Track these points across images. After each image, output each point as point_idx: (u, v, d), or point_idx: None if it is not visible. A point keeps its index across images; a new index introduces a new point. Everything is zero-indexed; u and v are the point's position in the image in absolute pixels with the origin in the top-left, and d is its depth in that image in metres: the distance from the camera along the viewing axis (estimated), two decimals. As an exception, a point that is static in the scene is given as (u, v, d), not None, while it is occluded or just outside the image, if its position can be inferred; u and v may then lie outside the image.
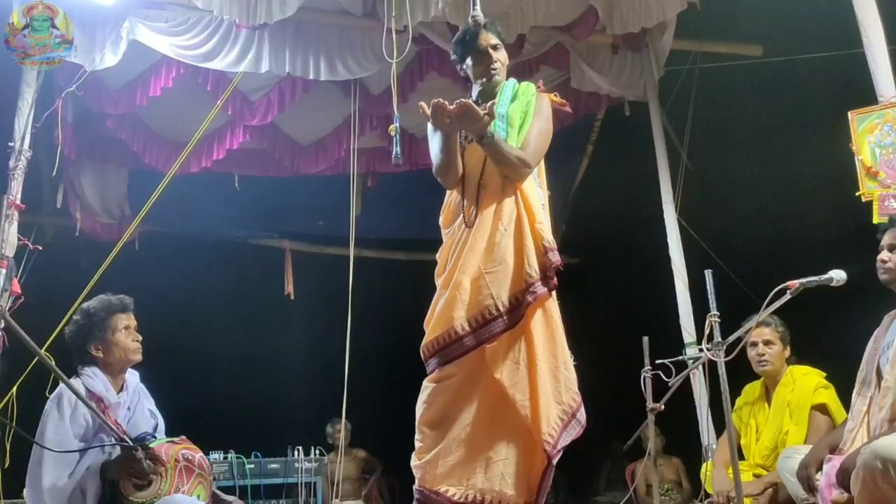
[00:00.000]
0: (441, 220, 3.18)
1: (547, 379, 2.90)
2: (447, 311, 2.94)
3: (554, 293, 3.00)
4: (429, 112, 2.88)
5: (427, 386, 2.99)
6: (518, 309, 2.90)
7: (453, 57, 3.23)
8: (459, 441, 2.90)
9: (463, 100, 2.85)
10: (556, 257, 2.95)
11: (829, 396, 3.71)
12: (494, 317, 2.89)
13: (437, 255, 3.15)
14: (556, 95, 3.25)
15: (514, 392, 2.87)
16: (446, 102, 2.85)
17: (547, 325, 2.96)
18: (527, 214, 3.01)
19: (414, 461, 2.99)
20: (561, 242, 3.03)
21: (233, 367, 7.30)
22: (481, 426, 2.91)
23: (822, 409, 3.69)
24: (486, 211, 2.99)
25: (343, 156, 6.22)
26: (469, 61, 3.14)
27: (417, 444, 2.99)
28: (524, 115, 3.07)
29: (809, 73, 5.69)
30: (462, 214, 3.04)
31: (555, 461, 2.86)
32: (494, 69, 3.10)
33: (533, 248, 2.96)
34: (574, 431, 2.92)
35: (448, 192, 3.16)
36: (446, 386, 2.94)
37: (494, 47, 3.11)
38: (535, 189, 3.10)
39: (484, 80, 3.12)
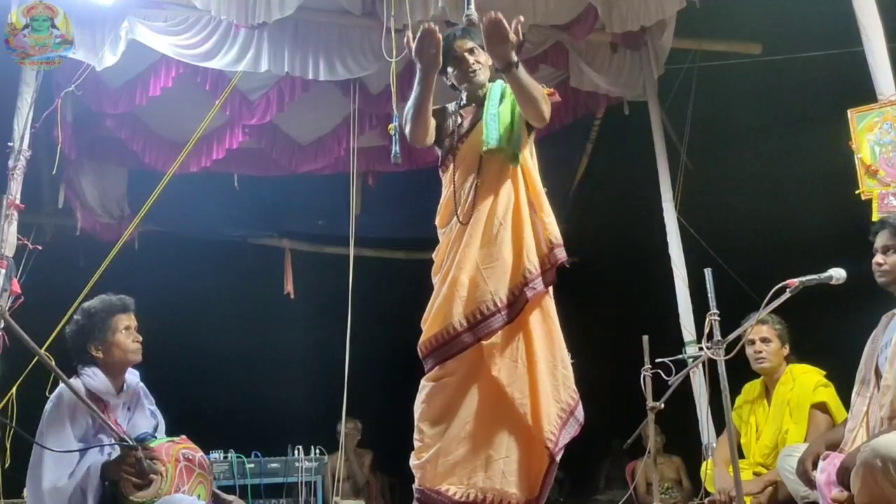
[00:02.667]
0: (437, 219, 3.19)
1: (545, 377, 2.91)
2: (445, 308, 2.95)
3: (551, 290, 3.01)
4: (413, 43, 2.85)
5: (425, 385, 3.00)
6: (516, 304, 2.91)
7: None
8: (459, 439, 2.90)
9: (492, 14, 2.77)
10: (562, 254, 2.96)
11: (829, 395, 3.71)
12: (492, 312, 2.90)
13: (434, 254, 3.16)
14: (544, 86, 3.25)
15: (513, 390, 2.87)
16: (436, 28, 2.82)
17: (545, 322, 2.97)
18: (534, 204, 3.01)
19: (413, 461, 2.99)
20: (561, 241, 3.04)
21: (233, 367, 7.30)
22: (481, 424, 2.91)
23: (821, 407, 3.69)
24: (482, 206, 3.00)
25: (342, 155, 6.21)
26: (449, 70, 3.15)
27: (416, 444, 2.99)
28: (512, 112, 3.08)
29: (809, 72, 5.69)
30: (456, 211, 3.04)
31: (557, 458, 2.87)
32: (473, 71, 3.11)
33: (533, 243, 2.96)
34: (573, 429, 2.93)
35: (445, 190, 3.16)
36: (445, 384, 2.95)
37: (471, 51, 3.11)
38: (538, 179, 3.10)
39: (466, 84, 3.13)
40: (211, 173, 6.27)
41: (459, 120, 3.16)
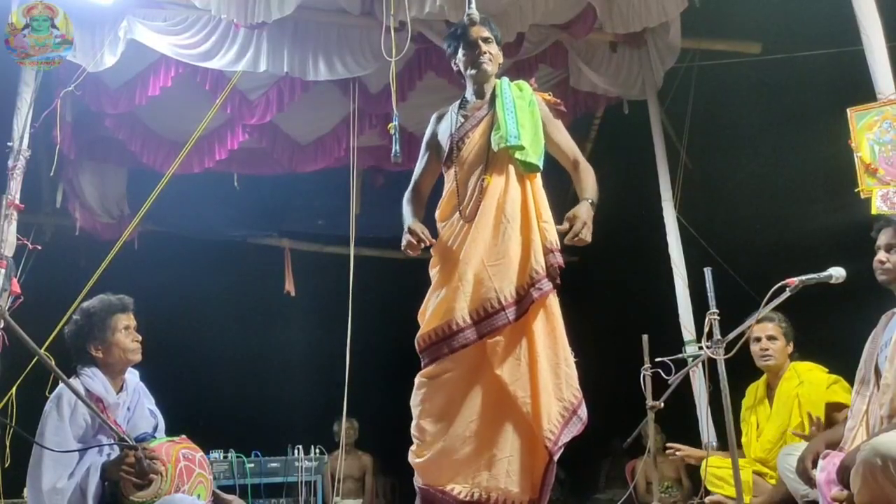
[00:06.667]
0: (438, 212, 3.18)
1: (548, 376, 2.90)
2: (448, 303, 2.93)
3: (554, 290, 3.01)
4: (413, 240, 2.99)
5: (422, 382, 2.98)
6: (521, 303, 2.91)
7: (448, 51, 3.25)
8: (464, 438, 2.89)
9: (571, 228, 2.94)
10: (557, 259, 2.96)
11: (844, 395, 3.67)
12: (497, 310, 2.89)
13: (433, 248, 3.14)
14: (549, 94, 3.27)
15: (516, 389, 2.87)
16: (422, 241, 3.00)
17: (548, 321, 2.97)
18: (535, 210, 3.02)
19: (415, 459, 2.98)
20: (560, 241, 3.04)
21: (233, 367, 7.29)
22: (485, 423, 2.91)
23: (837, 407, 3.66)
24: (489, 204, 3.00)
25: (342, 154, 6.21)
26: (460, 53, 3.16)
27: (417, 442, 2.98)
28: (531, 114, 3.10)
29: (808, 71, 5.69)
30: (459, 207, 3.04)
31: (556, 457, 2.86)
32: (483, 59, 3.12)
33: (540, 244, 2.97)
34: (575, 428, 2.93)
35: (447, 185, 3.16)
36: (444, 381, 2.94)
37: (485, 40, 3.14)
38: (540, 183, 3.12)
39: (473, 70, 3.14)
40: (211, 173, 6.27)
41: (462, 119, 3.15)
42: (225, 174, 6.58)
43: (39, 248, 4.64)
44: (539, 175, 3.11)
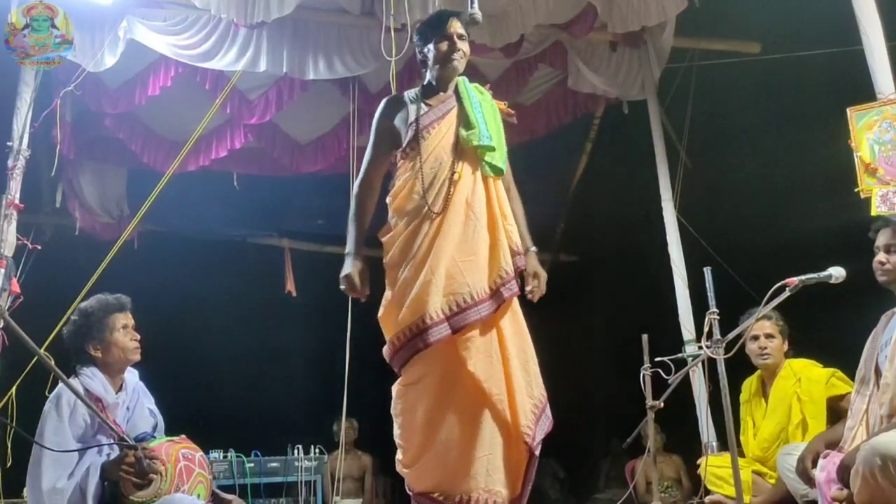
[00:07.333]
0: (393, 202, 3.11)
1: (519, 374, 2.92)
2: (419, 298, 2.89)
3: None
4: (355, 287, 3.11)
5: (400, 391, 2.98)
6: (492, 300, 2.91)
7: (415, 39, 3.20)
8: (449, 443, 2.88)
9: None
10: (521, 262, 3.00)
11: (843, 386, 3.67)
12: (469, 305, 2.88)
13: (388, 239, 3.10)
14: (505, 105, 3.27)
15: (490, 386, 2.86)
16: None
17: (515, 320, 2.99)
18: (500, 211, 3.02)
19: (402, 469, 2.98)
20: (560, 240, 3.04)
21: (232, 366, 7.29)
22: (465, 425, 2.89)
23: (840, 398, 3.66)
24: (458, 199, 2.98)
25: (342, 154, 6.21)
26: (432, 45, 3.10)
27: (404, 450, 2.97)
28: (494, 118, 3.12)
29: (808, 71, 5.69)
30: (426, 201, 2.97)
31: (536, 453, 2.87)
32: (455, 56, 3.08)
33: (507, 246, 2.97)
34: (545, 426, 2.95)
35: (406, 175, 3.07)
36: (422, 388, 2.92)
37: (461, 37, 3.10)
38: (502, 187, 3.12)
39: (443, 65, 3.09)
40: (210, 173, 6.27)
41: (426, 108, 3.09)
42: (224, 174, 6.57)
43: (39, 248, 4.64)
44: (500, 179, 3.10)
